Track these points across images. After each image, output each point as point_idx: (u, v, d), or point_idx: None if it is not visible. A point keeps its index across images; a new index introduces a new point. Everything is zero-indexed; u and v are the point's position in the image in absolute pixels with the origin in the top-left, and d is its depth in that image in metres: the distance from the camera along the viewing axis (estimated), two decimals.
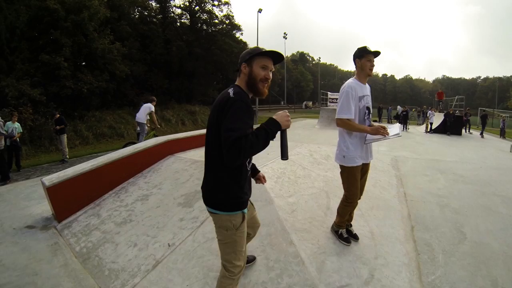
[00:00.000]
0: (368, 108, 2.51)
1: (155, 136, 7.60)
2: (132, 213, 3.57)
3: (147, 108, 8.25)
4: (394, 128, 2.44)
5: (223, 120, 1.41)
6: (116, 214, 3.64)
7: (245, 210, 1.65)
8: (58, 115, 10.00)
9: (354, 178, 2.46)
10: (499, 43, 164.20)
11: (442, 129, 14.06)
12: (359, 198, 2.62)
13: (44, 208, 4.06)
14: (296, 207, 3.20)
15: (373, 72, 2.51)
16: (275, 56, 1.62)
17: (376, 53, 2.44)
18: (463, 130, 15.15)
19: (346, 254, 2.54)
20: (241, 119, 1.39)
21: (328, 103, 18.86)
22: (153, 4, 27.02)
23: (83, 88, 15.76)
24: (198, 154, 4.49)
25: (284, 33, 44.50)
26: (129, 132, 16.91)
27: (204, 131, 5.53)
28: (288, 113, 1.52)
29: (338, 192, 3.53)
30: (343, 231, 2.70)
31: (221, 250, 1.67)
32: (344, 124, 2.39)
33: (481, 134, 15.43)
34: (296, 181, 3.88)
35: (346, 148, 2.44)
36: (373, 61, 2.45)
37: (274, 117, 1.48)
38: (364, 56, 2.42)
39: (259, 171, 2.07)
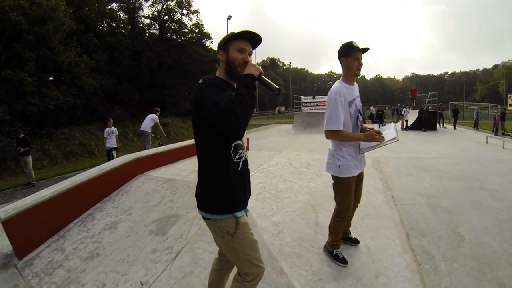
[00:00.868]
0: (360, 111, 2.28)
1: (160, 145, 7.83)
2: (100, 245, 3.15)
3: (151, 118, 9.08)
4: (390, 131, 2.20)
5: (201, 107, 1.33)
6: (82, 247, 3.20)
7: (239, 214, 1.49)
8: (23, 135, 9.24)
9: (349, 190, 2.21)
10: (463, 39, 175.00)
11: (417, 126, 14.44)
12: (357, 207, 2.37)
13: (4, 242, 3.53)
14: (282, 227, 2.91)
15: (360, 70, 2.20)
16: (252, 38, 1.51)
17: (364, 50, 2.16)
18: (437, 125, 15.63)
19: (344, 278, 2.26)
20: (216, 92, 1.31)
21: (302, 107, 18.83)
22: (121, 15, 26.31)
23: (50, 105, 14.85)
24: (170, 172, 4.11)
25: None
26: (100, 148, 16.03)
27: (175, 145, 5.24)
28: (252, 63, 1.47)
29: (325, 204, 3.28)
30: (338, 251, 2.41)
31: (227, 256, 1.60)
32: (334, 136, 2.14)
33: (454, 127, 16.35)
34: (279, 195, 3.61)
35: (342, 157, 2.18)
36: (361, 59, 2.16)
37: (244, 72, 1.42)
38: (350, 54, 2.14)
39: None
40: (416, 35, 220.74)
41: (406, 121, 14.97)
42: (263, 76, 1.45)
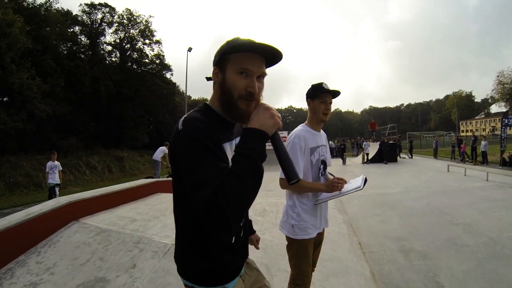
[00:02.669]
0: (323, 161, 1.93)
1: (169, 173, 8.47)
2: None
3: (162, 150, 10.42)
4: (356, 182, 1.86)
5: (181, 170, 0.90)
6: None
7: (230, 285, 1.06)
8: None
9: (305, 254, 1.80)
10: (417, 72, 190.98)
11: (378, 158, 14.79)
12: (313, 271, 1.95)
13: None
14: None
15: (328, 115, 1.90)
16: (266, 52, 0.93)
17: (335, 93, 1.88)
18: (398, 156, 16.21)
19: None
20: (201, 161, 0.84)
21: None
22: (83, 39, 25.47)
23: None
24: (108, 219, 3.46)
25: None
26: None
27: (116, 188, 4.60)
28: (267, 105, 0.92)
29: (282, 262, 2.82)
30: None
31: None
32: (290, 186, 1.74)
33: (411, 156, 17.52)
34: None
35: (297, 215, 1.80)
36: (330, 103, 1.88)
37: (250, 123, 0.89)
38: (317, 95, 1.85)
39: (254, 231, 1.50)
40: (373, 69, 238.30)
41: (367, 154, 15.26)
42: (279, 136, 0.93)
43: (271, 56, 0.96)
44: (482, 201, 5.69)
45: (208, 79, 1.05)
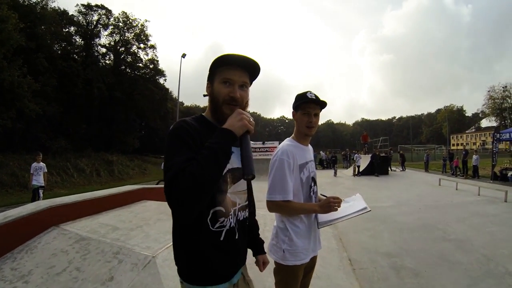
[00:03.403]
0: (313, 178, 1.73)
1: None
2: None
3: None
4: (357, 203, 1.72)
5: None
6: None
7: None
8: None
9: (294, 280, 1.60)
10: (410, 86, 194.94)
11: (369, 171, 14.74)
12: None
13: None
14: None
15: (313, 129, 1.66)
16: (244, 63, 1.12)
17: (320, 103, 1.64)
18: (389, 169, 16.28)
19: None
20: (176, 151, 0.99)
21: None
22: (78, 39, 25.22)
23: None
24: (89, 226, 3.28)
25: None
26: None
27: (100, 193, 4.42)
28: (241, 111, 1.05)
29: (267, 279, 2.68)
30: None
31: None
32: (280, 209, 1.59)
33: (403, 169, 17.73)
34: None
35: (289, 240, 1.59)
36: (315, 115, 1.64)
37: (224, 124, 1.04)
38: (300, 106, 1.63)
39: (263, 252, 1.48)
40: (367, 81, 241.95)
41: (358, 166, 15.20)
42: (248, 138, 1.05)
43: (250, 66, 1.13)
44: (474, 216, 5.66)
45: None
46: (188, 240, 1.10)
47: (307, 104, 1.61)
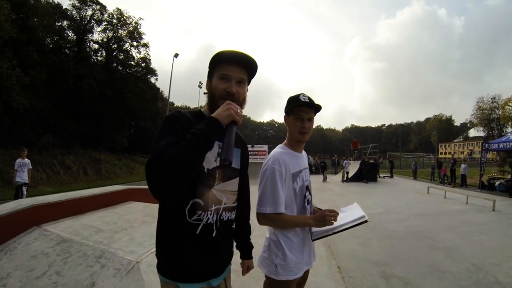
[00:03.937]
0: (308, 188, 1.62)
1: None
2: None
3: None
4: (354, 211, 1.62)
5: None
6: None
7: (184, 285, 1.11)
8: None
9: None
10: (400, 94, 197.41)
11: (358, 177, 14.86)
12: None
13: None
14: None
15: (306, 135, 1.56)
16: (240, 59, 1.15)
17: (315, 107, 1.53)
18: (378, 176, 16.43)
19: None
20: (164, 135, 1.03)
21: None
22: (70, 34, 24.69)
23: None
24: (72, 227, 3.15)
25: (200, 82, 38.15)
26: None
27: (85, 193, 4.28)
28: (230, 102, 1.08)
29: (254, 287, 2.62)
30: None
31: None
32: (270, 221, 1.48)
33: (391, 176, 18.11)
34: None
35: (282, 254, 1.48)
36: (309, 119, 1.53)
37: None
38: (292, 110, 1.52)
39: (249, 257, 1.50)
40: (358, 88, 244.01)
41: (347, 173, 15.28)
42: (235, 128, 1.07)
43: (247, 63, 1.17)
44: (462, 224, 5.71)
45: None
46: (166, 228, 1.13)
47: (300, 108, 1.50)
